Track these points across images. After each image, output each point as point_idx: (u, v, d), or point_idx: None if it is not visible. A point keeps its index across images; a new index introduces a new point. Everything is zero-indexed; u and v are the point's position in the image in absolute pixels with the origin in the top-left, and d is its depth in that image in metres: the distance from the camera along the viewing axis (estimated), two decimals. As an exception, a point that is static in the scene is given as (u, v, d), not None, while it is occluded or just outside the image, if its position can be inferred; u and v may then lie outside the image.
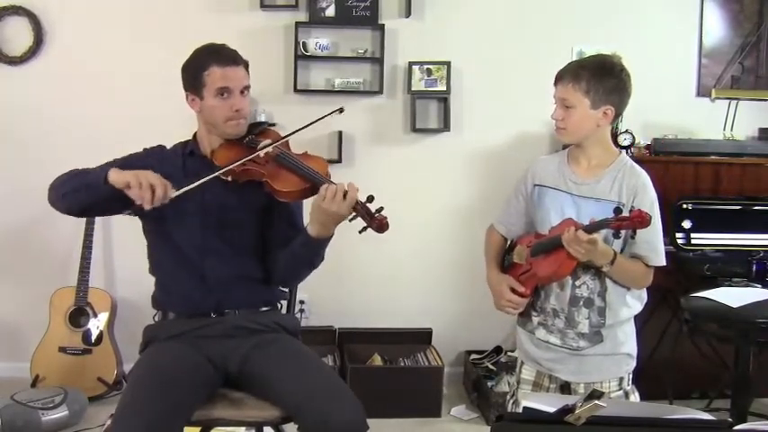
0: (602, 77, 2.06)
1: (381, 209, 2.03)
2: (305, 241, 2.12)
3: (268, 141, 2.21)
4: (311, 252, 2.15)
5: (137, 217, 2.28)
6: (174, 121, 2.53)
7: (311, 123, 2.24)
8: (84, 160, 2.23)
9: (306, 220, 2.31)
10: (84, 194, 2.11)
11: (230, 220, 2.21)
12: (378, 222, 2.02)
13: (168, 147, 2.32)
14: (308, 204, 2.17)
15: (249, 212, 2.24)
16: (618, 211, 1.91)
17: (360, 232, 2.04)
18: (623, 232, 1.98)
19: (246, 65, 2.22)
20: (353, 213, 2.04)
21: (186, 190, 2.05)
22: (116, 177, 2.03)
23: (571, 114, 2.10)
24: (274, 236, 2.26)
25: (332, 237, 2.12)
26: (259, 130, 2.29)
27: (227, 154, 2.16)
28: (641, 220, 1.84)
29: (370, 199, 2.05)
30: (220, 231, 2.21)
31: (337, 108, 2.31)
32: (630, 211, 1.92)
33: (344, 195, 2.01)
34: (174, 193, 2.03)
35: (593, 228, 1.94)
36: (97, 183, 2.06)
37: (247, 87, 2.21)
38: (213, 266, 2.19)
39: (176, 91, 2.24)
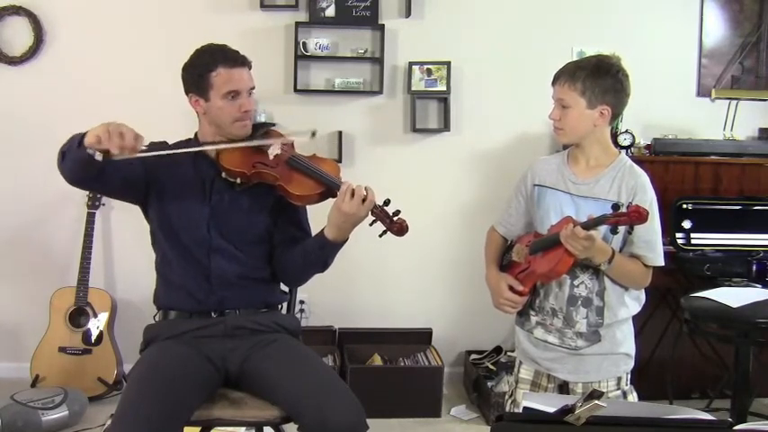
0: (598, 77, 2.07)
1: (399, 212, 2.06)
2: (322, 244, 2.14)
3: (277, 144, 2.21)
4: (326, 254, 2.17)
5: (139, 206, 2.28)
6: (174, 120, 2.53)
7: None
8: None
9: (313, 222, 2.33)
10: (70, 162, 2.04)
11: (237, 220, 2.22)
12: (398, 226, 2.06)
13: (170, 143, 2.31)
14: (320, 207, 2.19)
15: (257, 213, 2.24)
16: (616, 207, 1.91)
17: (380, 236, 2.08)
18: (621, 228, 1.98)
19: (250, 65, 2.22)
20: (373, 218, 2.06)
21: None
22: (89, 136, 1.95)
23: (568, 114, 2.11)
24: (280, 236, 2.27)
25: (347, 240, 2.14)
26: (264, 131, 2.30)
27: (233, 156, 2.16)
28: (639, 215, 1.84)
29: (387, 202, 2.07)
30: (228, 231, 2.21)
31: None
32: (628, 207, 1.92)
33: (363, 200, 2.02)
34: (142, 139, 1.97)
35: (590, 224, 1.94)
36: (74, 147, 1.99)
37: (253, 88, 2.22)
38: (220, 265, 2.19)
39: (177, 90, 2.24)
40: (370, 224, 2.09)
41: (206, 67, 2.15)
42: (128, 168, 2.09)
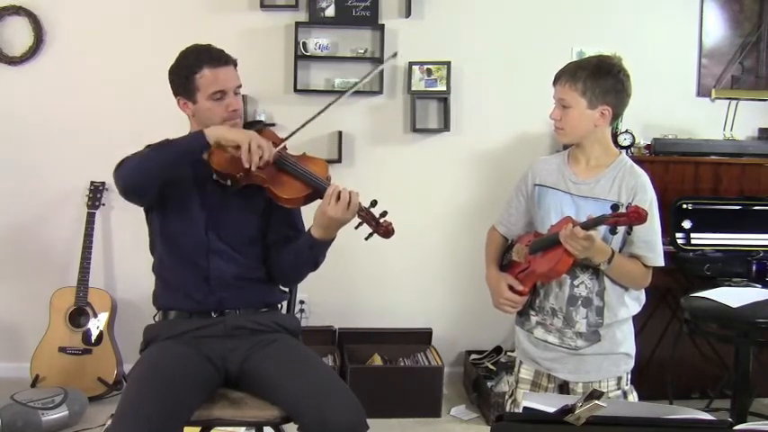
0: (599, 78, 2.07)
1: (385, 213, 2.06)
2: (310, 243, 2.14)
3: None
4: (316, 253, 2.17)
5: (144, 210, 2.27)
6: (173, 120, 2.53)
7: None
8: (84, 160, 2.23)
9: (305, 219, 2.33)
10: (179, 160, 2.08)
11: (232, 221, 2.22)
12: (384, 228, 2.06)
13: None
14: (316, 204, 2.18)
15: (250, 214, 2.24)
16: (615, 207, 1.91)
17: (366, 239, 2.07)
18: (620, 228, 1.99)
19: (235, 63, 2.21)
20: (359, 220, 2.06)
21: (284, 144, 2.14)
22: (221, 134, 2.03)
23: (568, 114, 2.11)
24: (273, 236, 2.27)
25: (334, 238, 2.15)
26: (255, 129, 2.29)
27: (223, 157, 2.16)
28: (638, 215, 1.84)
29: (374, 203, 2.07)
30: (223, 233, 2.21)
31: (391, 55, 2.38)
32: (627, 207, 1.93)
33: (348, 204, 2.02)
34: (275, 152, 2.07)
35: (590, 224, 1.94)
36: (196, 146, 2.05)
37: (240, 86, 2.21)
38: (218, 267, 2.19)
39: (176, 91, 2.24)
40: (356, 227, 2.09)
41: (190, 69, 2.14)
42: None
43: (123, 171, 2.10)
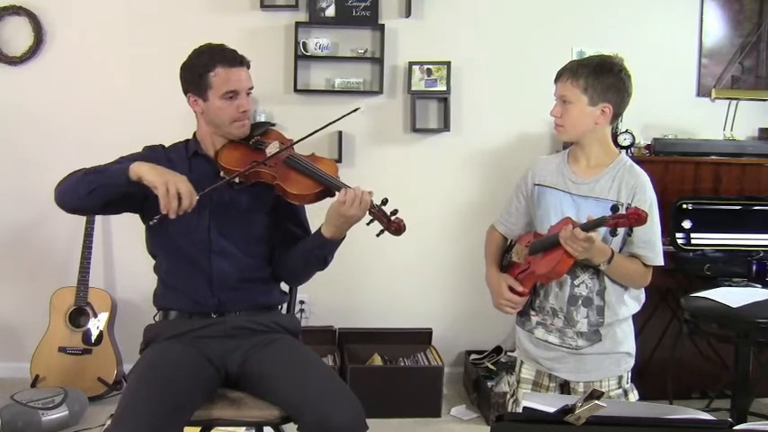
0: (600, 75, 2.07)
1: (396, 211, 2.08)
2: (321, 243, 2.15)
3: (276, 143, 2.21)
4: (326, 252, 2.18)
5: (138, 215, 2.27)
6: (173, 120, 2.54)
7: (325, 126, 2.23)
8: (83, 160, 2.22)
9: (310, 221, 2.33)
10: (104, 192, 2.04)
11: (239, 220, 2.22)
12: (395, 225, 2.07)
13: (166, 146, 2.31)
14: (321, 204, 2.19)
15: (257, 213, 2.24)
16: (615, 209, 1.91)
17: (377, 235, 2.09)
18: (620, 230, 1.99)
19: (249, 65, 2.22)
20: (370, 217, 2.07)
21: (204, 194, 2.03)
22: (143, 173, 1.97)
23: (569, 111, 2.11)
24: (281, 235, 2.28)
25: (345, 237, 2.16)
26: (263, 130, 2.29)
27: (232, 155, 2.16)
28: (638, 217, 1.84)
29: (385, 201, 2.09)
30: (228, 232, 2.21)
31: (353, 109, 2.30)
32: (627, 208, 1.93)
33: (361, 202, 2.03)
34: (195, 200, 1.99)
35: (590, 225, 1.94)
36: (119, 181, 2.01)
37: (251, 88, 2.22)
38: (221, 267, 2.19)
39: (177, 91, 2.24)
40: (368, 223, 2.10)
41: (205, 68, 2.15)
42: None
43: (58, 190, 2.12)
